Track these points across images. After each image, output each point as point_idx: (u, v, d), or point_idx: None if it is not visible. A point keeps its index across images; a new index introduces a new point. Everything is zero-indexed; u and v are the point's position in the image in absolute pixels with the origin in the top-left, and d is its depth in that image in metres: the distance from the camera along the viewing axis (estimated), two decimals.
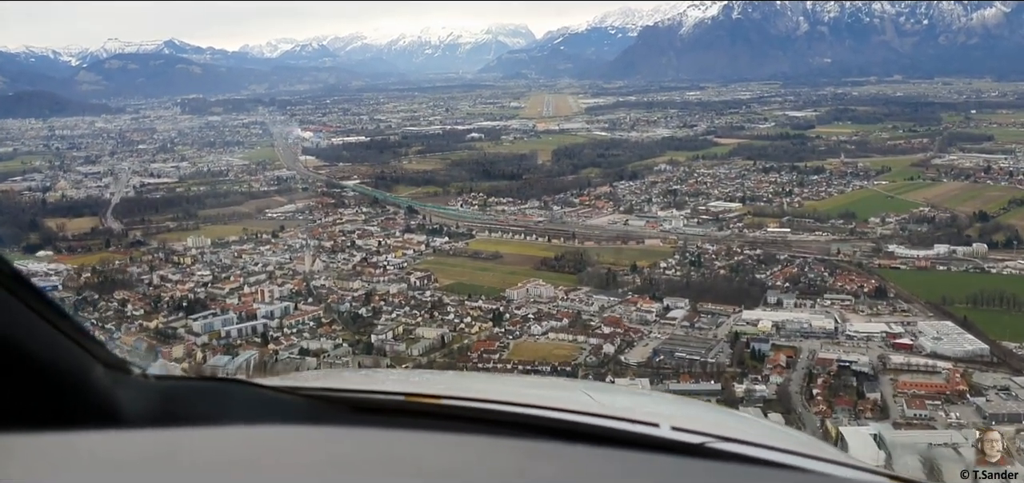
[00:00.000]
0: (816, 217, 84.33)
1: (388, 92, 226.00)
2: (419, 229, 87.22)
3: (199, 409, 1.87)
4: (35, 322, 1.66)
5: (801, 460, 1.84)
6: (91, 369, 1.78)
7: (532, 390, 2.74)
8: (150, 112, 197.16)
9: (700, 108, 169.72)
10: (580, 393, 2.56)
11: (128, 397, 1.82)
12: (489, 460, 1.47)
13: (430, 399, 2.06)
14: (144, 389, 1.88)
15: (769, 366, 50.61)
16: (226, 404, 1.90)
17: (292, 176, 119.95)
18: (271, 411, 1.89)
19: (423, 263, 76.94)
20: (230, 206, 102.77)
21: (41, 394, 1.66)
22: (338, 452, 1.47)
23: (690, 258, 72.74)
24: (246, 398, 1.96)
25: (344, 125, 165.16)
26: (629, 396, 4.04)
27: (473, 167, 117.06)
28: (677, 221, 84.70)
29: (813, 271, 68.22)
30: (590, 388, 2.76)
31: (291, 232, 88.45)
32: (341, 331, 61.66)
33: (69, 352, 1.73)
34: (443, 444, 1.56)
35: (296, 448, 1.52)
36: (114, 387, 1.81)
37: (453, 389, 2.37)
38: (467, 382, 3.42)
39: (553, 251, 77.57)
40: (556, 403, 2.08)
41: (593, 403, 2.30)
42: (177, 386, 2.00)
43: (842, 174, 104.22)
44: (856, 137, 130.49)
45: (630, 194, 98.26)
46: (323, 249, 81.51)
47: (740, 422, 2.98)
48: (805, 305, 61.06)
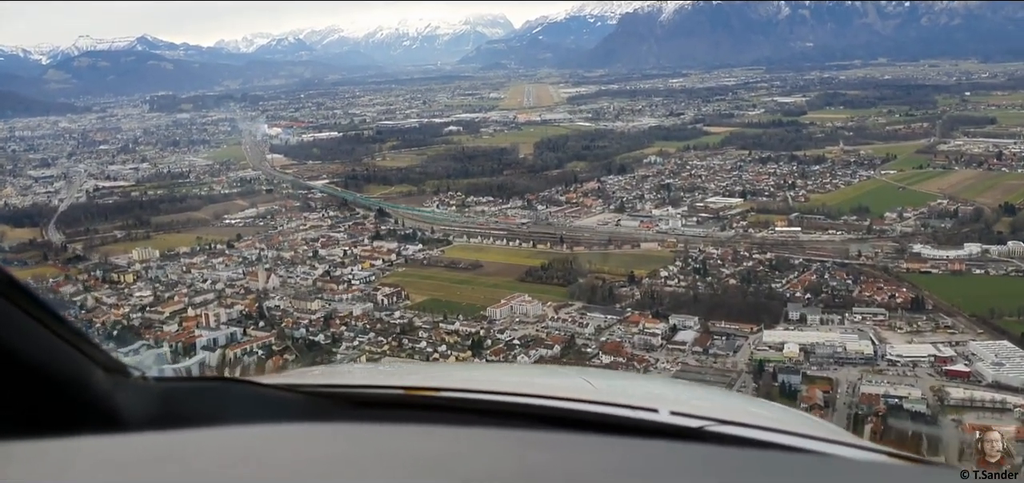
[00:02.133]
0: (826, 213, 74.73)
1: (364, 85, 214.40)
2: (390, 235, 76.91)
3: (199, 410, 1.84)
4: (33, 328, 1.64)
5: (801, 441, 1.83)
6: (90, 373, 1.76)
7: (531, 379, 2.72)
8: (117, 111, 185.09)
9: (685, 95, 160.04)
10: (578, 380, 2.48)
11: (128, 400, 1.81)
12: (490, 451, 1.44)
13: (429, 392, 2.06)
14: (144, 392, 1.86)
15: (803, 405, 40.77)
16: (226, 404, 1.88)
17: (257, 177, 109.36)
18: (271, 409, 1.88)
19: (393, 276, 66.70)
20: (186, 212, 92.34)
21: (41, 400, 1.65)
22: (339, 448, 1.45)
23: (694, 264, 62.90)
24: (246, 397, 1.93)
25: (316, 120, 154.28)
26: (627, 381, 3.61)
27: (450, 163, 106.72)
28: (674, 220, 74.88)
29: (835, 278, 58.60)
30: (588, 375, 2.66)
31: (249, 241, 78.02)
32: (294, 362, 51.34)
33: (68, 357, 1.71)
34: (443, 436, 1.53)
35: (297, 446, 1.48)
36: (114, 390, 1.80)
37: (452, 381, 2.36)
38: (466, 373, 3.24)
39: (539, 258, 67.55)
40: (555, 391, 2.10)
41: (591, 390, 2.24)
42: (177, 387, 1.97)
43: (845, 163, 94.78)
44: (852, 123, 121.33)
45: (620, 190, 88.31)
46: (282, 261, 71.05)
47: (740, 405, 2.87)
48: (833, 321, 51.43)
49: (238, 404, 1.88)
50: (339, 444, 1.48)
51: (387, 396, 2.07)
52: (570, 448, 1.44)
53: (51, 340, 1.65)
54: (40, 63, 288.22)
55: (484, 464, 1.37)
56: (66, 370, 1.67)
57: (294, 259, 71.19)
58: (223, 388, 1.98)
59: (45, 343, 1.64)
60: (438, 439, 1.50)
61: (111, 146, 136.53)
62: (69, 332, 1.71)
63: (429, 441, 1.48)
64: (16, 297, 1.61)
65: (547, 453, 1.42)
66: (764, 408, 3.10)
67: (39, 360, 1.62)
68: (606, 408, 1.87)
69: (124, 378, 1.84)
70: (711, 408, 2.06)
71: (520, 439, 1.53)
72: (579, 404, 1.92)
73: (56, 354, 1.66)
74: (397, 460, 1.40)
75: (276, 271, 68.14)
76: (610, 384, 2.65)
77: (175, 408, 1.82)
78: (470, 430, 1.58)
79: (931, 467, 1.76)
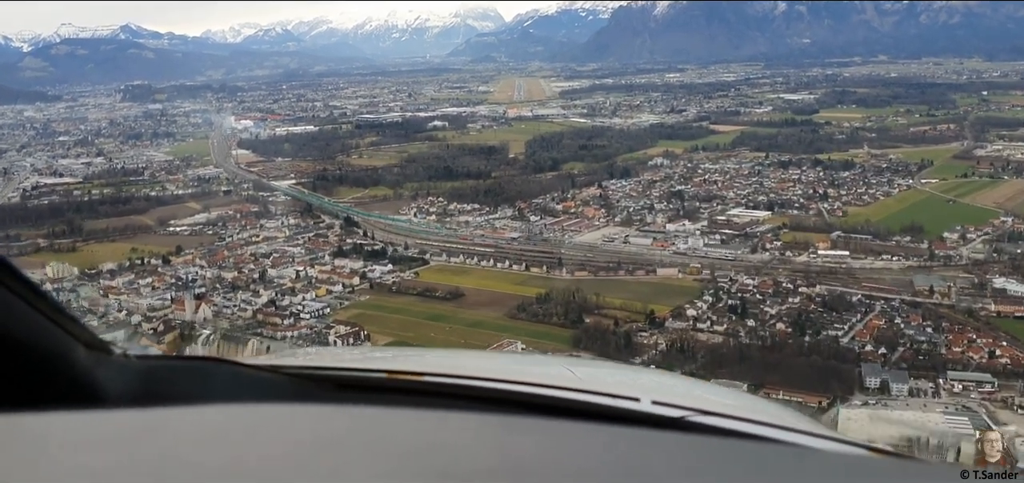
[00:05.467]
0: (872, 231, 60.57)
1: (349, 77, 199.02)
2: (355, 251, 62.13)
3: (181, 388, 1.82)
4: (13, 302, 1.59)
5: (780, 432, 1.82)
6: (72, 349, 1.72)
7: (514, 366, 2.69)
8: (89, 100, 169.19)
9: (684, 91, 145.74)
10: (562, 368, 2.44)
11: (109, 377, 1.77)
12: (471, 435, 1.41)
13: (413, 376, 2.02)
14: (125, 369, 1.82)
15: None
16: (208, 383, 1.84)
17: (217, 176, 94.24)
18: (254, 389, 1.84)
19: (353, 307, 52.12)
20: (129, 215, 77.54)
21: (20, 375, 1.61)
22: (321, 430, 1.40)
23: (727, 300, 48.58)
24: (228, 377, 1.88)
25: (294, 113, 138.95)
26: (610, 371, 3.64)
27: (433, 163, 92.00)
28: (693, 238, 60.58)
29: (910, 324, 44.42)
30: (572, 364, 2.63)
31: (190, 255, 63.24)
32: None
33: (49, 333, 1.66)
34: (425, 420, 1.49)
35: (279, 426, 1.44)
36: (95, 367, 1.76)
37: (436, 366, 2.32)
38: (450, 359, 3.16)
39: (534, 286, 53.11)
40: (538, 379, 2.08)
41: (574, 378, 2.21)
42: (158, 365, 1.90)
43: (877, 170, 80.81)
44: (870, 122, 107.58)
45: (625, 198, 73.94)
46: (221, 284, 56.30)
47: (720, 396, 2.81)
48: (925, 393, 37.23)
49: (220, 384, 1.82)
50: (322, 426, 1.44)
51: (370, 379, 2.01)
52: (552, 434, 1.41)
53: (31, 315, 1.60)
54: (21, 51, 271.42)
55: (467, 448, 1.35)
56: (47, 345, 1.62)
57: (236, 281, 56.45)
58: (206, 367, 1.89)
59: (25, 318, 1.58)
60: (421, 423, 1.47)
61: (70, 138, 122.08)
62: (50, 308, 1.65)
63: (412, 425, 1.45)
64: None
65: (529, 438, 1.39)
66: (745, 400, 3.06)
67: (18, 335, 1.57)
68: (589, 396, 1.84)
69: (106, 355, 1.78)
70: (693, 399, 2.01)
71: (503, 424, 1.50)
72: (562, 392, 1.89)
73: (36, 330, 1.60)
74: (380, 443, 1.36)
75: (211, 298, 53.45)
76: (593, 373, 2.53)
77: (157, 386, 1.78)
78: (452, 414, 1.55)
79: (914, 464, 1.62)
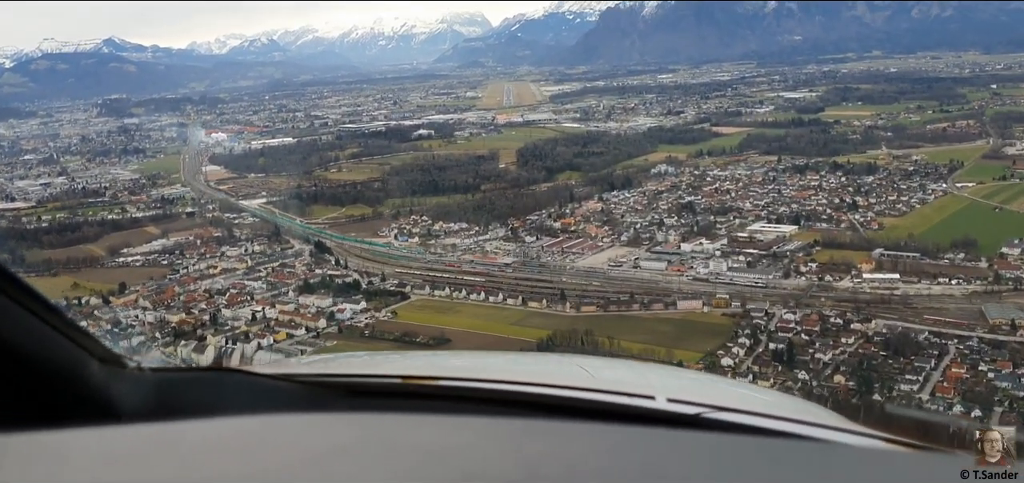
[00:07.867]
0: (918, 248, 51.34)
1: (334, 85, 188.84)
2: (323, 285, 52.40)
3: (196, 400, 1.79)
4: (28, 320, 1.58)
5: (798, 427, 1.77)
6: (86, 365, 1.71)
7: (528, 367, 2.66)
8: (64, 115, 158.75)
9: (678, 92, 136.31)
10: (575, 368, 2.39)
11: (124, 391, 1.74)
12: (488, 439, 1.38)
13: (427, 381, 1.97)
14: (140, 382, 1.79)
15: None
16: (223, 394, 1.81)
17: (184, 195, 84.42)
18: (268, 399, 1.81)
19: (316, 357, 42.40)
20: (78, 244, 67.92)
21: (37, 392, 1.59)
22: (337, 438, 1.38)
23: (768, 343, 39.15)
24: (242, 387, 1.85)
25: (273, 124, 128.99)
26: (624, 369, 3.50)
27: (417, 176, 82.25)
28: (714, 261, 51.15)
29: (1001, 373, 35.11)
30: (585, 362, 2.56)
31: (137, 292, 53.48)
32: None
33: (64, 348, 1.66)
34: (441, 425, 1.46)
35: (294, 436, 1.40)
36: (110, 382, 1.73)
37: (450, 370, 2.28)
38: (463, 362, 3.10)
39: (534, 326, 43.70)
40: (552, 379, 2.04)
41: (589, 378, 2.17)
42: (173, 378, 1.88)
43: (904, 173, 71.61)
44: (881, 120, 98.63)
45: (630, 212, 64.54)
46: (164, 330, 46.56)
47: (737, 391, 2.71)
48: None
49: (235, 394, 1.79)
50: (336, 434, 1.41)
51: (385, 385, 1.97)
52: (568, 436, 1.38)
53: (46, 331, 1.58)
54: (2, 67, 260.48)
55: (482, 453, 1.31)
56: (61, 361, 1.60)
57: (182, 326, 46.71)
58: (219, 378, 1.87)
59: (40, 334, 1.57)
60: (436, 428, 1.43)
61: (36, 156, 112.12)
62: (64, 323, 1.63)
63: (427, 430, 1.42)
64: (10, 289, 1.53)
65: (545, 441, 1.36)
66: (762, 396, 2.90)
67: (34, 352, 1.55)
68: (603, 396, 1.80)
69: (120, 369, 1.76)
70: (708, 395, 1.94)
71: (519, 427, 1.46)
72: (576, 392, 1.84)
73: (51, 345, 1.59)
74: (395, 449, 1.33)
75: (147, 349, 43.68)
76: (607, 372, 2.48)
77: (171, 398, 1.75)
78: (468, 419, 1.52)
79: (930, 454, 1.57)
